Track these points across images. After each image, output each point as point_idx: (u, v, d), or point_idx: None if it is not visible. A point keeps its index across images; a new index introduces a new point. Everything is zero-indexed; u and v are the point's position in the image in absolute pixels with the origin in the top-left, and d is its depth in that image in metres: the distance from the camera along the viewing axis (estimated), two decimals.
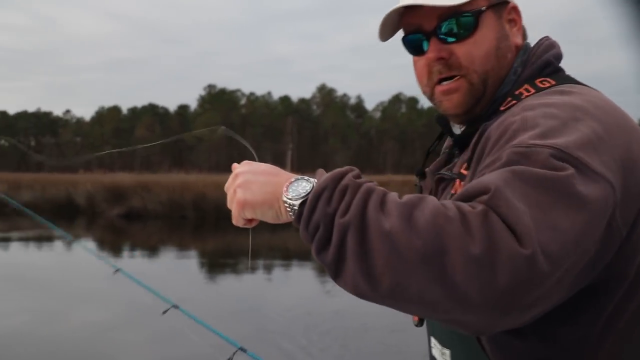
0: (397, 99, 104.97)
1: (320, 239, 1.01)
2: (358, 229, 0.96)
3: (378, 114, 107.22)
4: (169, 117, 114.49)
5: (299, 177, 1.11)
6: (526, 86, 1.27)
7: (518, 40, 1.34)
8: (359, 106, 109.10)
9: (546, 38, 1.37)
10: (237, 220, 1.22)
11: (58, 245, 18.51)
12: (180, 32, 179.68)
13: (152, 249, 17.55)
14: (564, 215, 0.93)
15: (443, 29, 1.29)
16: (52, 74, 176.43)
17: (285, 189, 1.10)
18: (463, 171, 1.26)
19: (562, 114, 1.07)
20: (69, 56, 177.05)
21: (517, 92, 1.26)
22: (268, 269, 14.32)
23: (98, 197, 26.64)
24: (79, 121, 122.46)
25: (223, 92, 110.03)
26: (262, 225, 1.27)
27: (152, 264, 14.88)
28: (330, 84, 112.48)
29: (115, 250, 17.26)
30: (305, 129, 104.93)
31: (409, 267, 0.91)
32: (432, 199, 0.97)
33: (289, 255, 15.95)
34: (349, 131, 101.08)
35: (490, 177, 0.98)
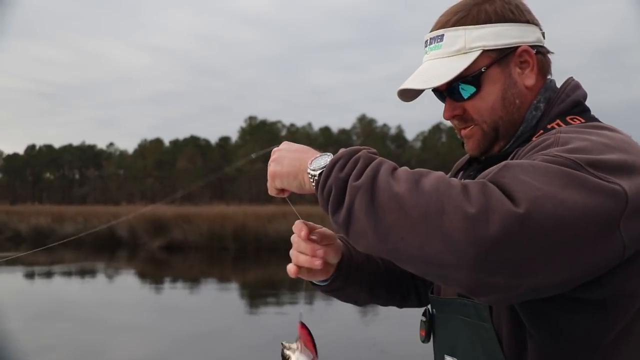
0: (437, 128, 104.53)
1: (333, 200, 1.15)
2: (368, 190, 1.09)
3: (418, 144, 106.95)
4: (210, 149, 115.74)
5: (325, 153, 1.27)
6: (558, 121, 1.36)
7: (530, 81, 1.42)
8: (400, 136, 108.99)
9: (571, 79, 1.46)
10: (270, 189, 1.39)
11: (100, 277, 18.57)
12: (221, 64, 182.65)
13: (193, 281, 17.45)
14: (567, 193, 1.02)
15: (452, 92, 1.42)
16: (96, 108, 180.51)
17: (309, 162, 1.27)
18: None
19: (594, 141, 1.16)
20: (113, 90, 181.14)
21: (549, 126, 1.36)
22: (310, 299, 14.07)
23: (139, 229, 26.75)
24: (122, 154, 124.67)
25: (264, 123, 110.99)
26: None
27: (194, 295, 14.74)
28: (370, 114, 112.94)
29: (157, 282, 17.21)
30: None
31: (413, 223, 1.03)
32: (439, 173, 1.10)
33: None
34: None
35: (499, 167, 1.10)
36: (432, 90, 1.46)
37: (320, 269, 1.45)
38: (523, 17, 1.42)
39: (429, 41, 1.45)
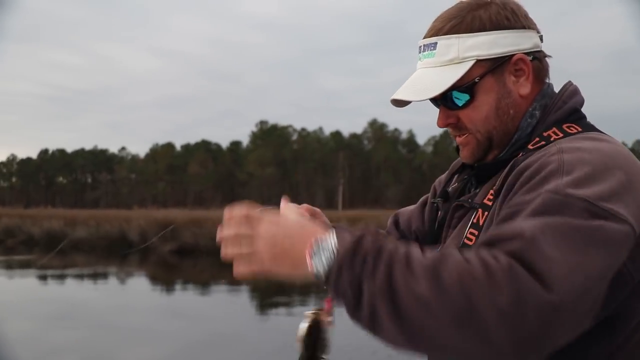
0: (448, 133, 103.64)
1: (350, 304, 1.06)
2: (388, 295, 1.01)
3: (430, 149, 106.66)
4: (222, 154, 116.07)
5: (320, 237, 1.11)
6: (554, 129, 1.34)
7: (525, 90, 1.39)
8: (411, 141, 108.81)
9: (569, 83, 1.44)
10: (243, 272, 1.20)
11: (112, 281, 18.64)
12: (232, 69, 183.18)
13: (204, 285, 17.47)
14: (590, 260, 1.02)
15: (446, 100, 1.40)
16: (108, 112, 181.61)
17: (308, 256, 1.10)
18: (487, 202, 1.34)
19: (595, 161, 1.16)
20: (124, 94, 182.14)
21: (545, 134, 1.34)
22: (320, 304, 14.05)
23: (150, 233, 26.83)
24: (134, 158, 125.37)
25: (275, 128, 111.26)
26: None
27: (205, 299, 14.77)
28: (381, 119, 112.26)
29: (168, 286, 17.25)
30: (357, 164, 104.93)
31: (444, 328, 0.98)
32: (453, 254, 1.03)
33: None
34: (401, 166, 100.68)
35: (524, 224, 1.06)
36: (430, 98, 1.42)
37: None
38: (519, 22, 1.39)
39: (422, 48, 1.43)
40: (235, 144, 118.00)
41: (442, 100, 1.41)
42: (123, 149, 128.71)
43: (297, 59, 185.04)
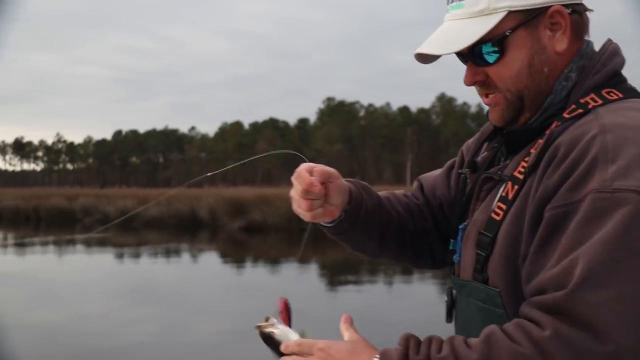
0: None
1: None
2: None
3: None
4: (289, 131, 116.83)
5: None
6: (592, 95, 1.24)
7: (561, 46, 1.27)
8: (480, 114, 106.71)
9: (609, 42, 1.32)
10: None
11: (184, 258, 19.02)
12: (298, 47, 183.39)
13: (273, 261, 17.62)
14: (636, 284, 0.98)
15: (474, 56, 1.29)
16: (177, 93, 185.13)
17: None
18: (517, 175, 1.25)
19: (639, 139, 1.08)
20: (192, 75, 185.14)
21: (582, 101, 1.23)
22: (388, 281, 13.98)
23: (220, 210, 27.24)
24: (204, 137, 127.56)
25: (342, 104, 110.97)
26: None
27: (274, 276, 14.89)
28: (449, 93, 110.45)
29: (238, 263, 17.48)
30: (425, 139, 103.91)
31: None
32: (498, 339, 1.02)
33: (408, 268, 15.50)
34: None
35: (565, 262, 1.03)
36: (455, 52, 1.32)
37: (319, 199, 1.40)
38: None
39: None
40: (303, 121, 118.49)
41: (470, 55, 1.30)
42: (193, 128, 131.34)
43: (362, 35, 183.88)
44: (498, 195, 1.30)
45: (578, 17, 1.29)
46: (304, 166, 1.41)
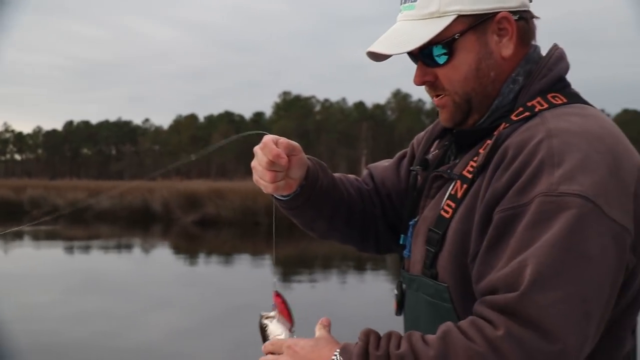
0: None
1: None
2: None
3: None
4: (245, 125, 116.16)
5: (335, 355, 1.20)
6: (538, 99, 1.29)
7: (508, 51, 1.32)
8: (434, 111, 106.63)
9: (555, 47, 1.38)
10: None
11: (136, 252, 18.77)
12: (255, 40, 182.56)
13: (226, 255, 17.52)
14: (588, 284, 1.06)
15: (424, 56, 1.33)
16: (131, 84, 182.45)
17: None
18: (466, 174, 1.29)
19: (583, 144, 1.15)
20: (147, 66, 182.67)
21: (529, 104, 1.29)
22: (342, 277, 14.02)
23: (173, 204, 26.96)
24: (157, 130, 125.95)
25: (298, 98, 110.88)
26: None
27: (227, 270, 14.79)
28: (405, 89, 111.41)
29: (191, 257, 17.32)
30: (380, 134, 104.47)
31: None
32: (454, 337, 1.08)
33: (361, 264, 15.59)
34: None
35: (514, 263, 1.09)
36: (407, 52, 1.36)
37: (283, 165, 1.42)
38: None
39: None
40: (258, 115, 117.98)
41: (420, 56, 1.35)
42: (147, 120, 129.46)
43: (320, 29, 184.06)
44: (447, 194, 1.35)
45: (525, 24, 1.35)
46: (270, 137, 1.44)
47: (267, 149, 1.42)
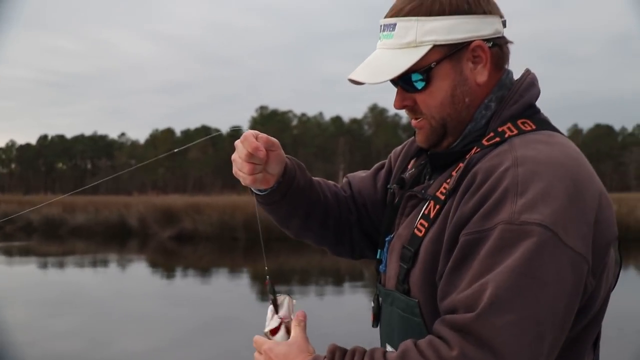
0: None
1: None
2: None
3: None
4: (222, 139, 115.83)
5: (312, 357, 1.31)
6: (509, 125, 1.36)
7: (482, 78, 1.39)
8: (411, 126, 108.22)
9: (527, 73, 1.45)
10: None
11: (112, 267, 18.58)
12: (232, 54, 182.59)
13: (203, 270, 17.42)
14: (543, 308, 1.12)
15: (404, 82, 1.40)
16: (108, 98, 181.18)
17: None
18: (439, 195, 1.36)
19: (546, 174, 1.21)
20: (123, 80, 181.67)
21: (500, 129, 1.35)
22: (320, 291, 14.00)
23: (150, 218, 26.74)
24: (134, 144, 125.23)
25: (275, 113, 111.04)
26: (313, 249, 1.43)
27: (205, 285, 14.71)
28: (381, 104, 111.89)
29: (168, 272, 17.19)
30: (357, 148, 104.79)
31: None
32: (411, 355, 1.16)
33: (339, 278, 15.58)
34: None
35: (476, 286, 1.15)
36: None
37: (262, 158, 1.49)
38: (480, 8, 1.38)
39: (382, 27, 1.43)
40: (236, 130, 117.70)
41: (400, 82, 1.42)
42: (123, 134, 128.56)
43: (297, 44, 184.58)
44: (421, 213, 1.41)
45: (498, 50, 1.41)
46: (250, 132, 1.50)
47: (247, 142, 1.48)
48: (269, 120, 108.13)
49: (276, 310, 1.53)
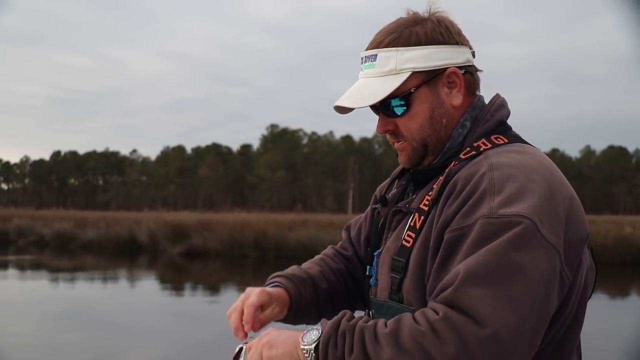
0: None
1: None
2: None
3: None
4: (232, 157, 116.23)
5: (313, 327, 1.35)
6: (483, 140, 1.48)
7: (457, 101, 1.52)
8: None
9: (497, 96, 1.59)
10: None
11: (121, 283, 18.64)
12: (243, 72, 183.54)
13: (213, 287, 17.45)
14: (520, 287, 1.18)
15: (385, 108, 1.53)
16: (119, 115, 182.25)
17: (301, 338, 1.33)
18: (423, 207, 1.47)
19: (520, 175, 1.32)
20: (134, 97, 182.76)
21: (475, 144, 1.48)
22: None
23: (160, 235, 26.82)
24: (145, 160, 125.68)
25: (285, 131, 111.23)
26: None
27: (214, 302, 14.73)
28: None
29: (177, 289, 17.23)
30: (367, 168, 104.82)
31: None
32: (407, 319, 1.24)
33: None
34: None
35: (459, 266, 1.23)
36: (369, 105, 1.54)
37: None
38: (452, 39, 1.52)
39: (364, 59, 1.56)
40: (246, 147, 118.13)
41: (382, 108, 1.53)
42: (134, 151, 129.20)
43: (307, 63, 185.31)
44: (407, 225, 1.50)
45: (470, 77, 1.55)
46: (234, 309, 1.60)
47: (230, 320, 1.59)
48: (279, 139, 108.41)
49: None
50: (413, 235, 1.46)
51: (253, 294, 1.60)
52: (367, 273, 1.68)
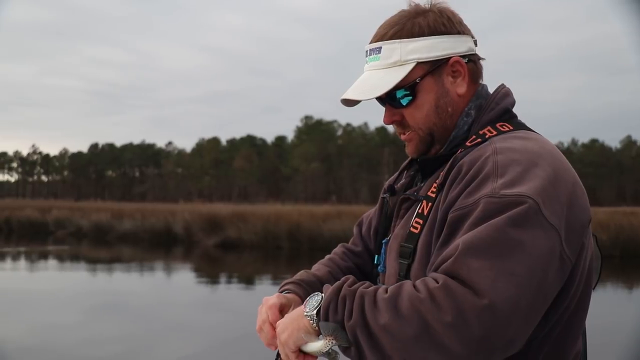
0: None
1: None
2: (362, 328, 1.25)
3: None
4: (267, 148, 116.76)
5: (315, 294, 1.40)
6: (488, 128, 1.50)
7: (461, 89, 1.54)
8: None
9: (502, 86, 1.61)
10: (291, 357, 1.44)
11: (157, 274, 18.83)
12: (277, 65, 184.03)
13: (247, 279, 17.51)
14: (518, 262, 1.18)
15: (391, 99, 1.55)
16: (155, 107, 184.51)
17: (303, 306, 1.38)
18: (430, 194, 1.48)
19: (524, 160, 1.33)
20: (169, 89, 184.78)
21: (481, 132, 1.50)
22: None
23: (195, 226, 27.03)
24: (180, 152, 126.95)
25: (320, 123, 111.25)
26: None
27: (248, 293, 14.78)
28: None
29: (212, 280, 17.33)
30: (402, 159, 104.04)
31: (408, 346, 1.19)
32: (406, 286, 1.25)
33: None
34: None
35: (460, 240, 1.24)
36: (375, 97, 1.56)
37: None
38: (454, 29, 1.54)
39: (368, 52, 1.58)
40: (280, 139, 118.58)
41: (388, 99, 1.55)
42: (170, 143, 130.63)
43: (341, 54, 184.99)
44: (415, 213, 1.52)
45: (474, 65, 1.58)
46: (261, 322, 1.63)
47: (262, 334, 1.63)
48: (313, 130, 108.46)
49: None
50: (421, 221, 1.47)
51: (270, 298, 1.63)
52: (375, 262, 1.71)
